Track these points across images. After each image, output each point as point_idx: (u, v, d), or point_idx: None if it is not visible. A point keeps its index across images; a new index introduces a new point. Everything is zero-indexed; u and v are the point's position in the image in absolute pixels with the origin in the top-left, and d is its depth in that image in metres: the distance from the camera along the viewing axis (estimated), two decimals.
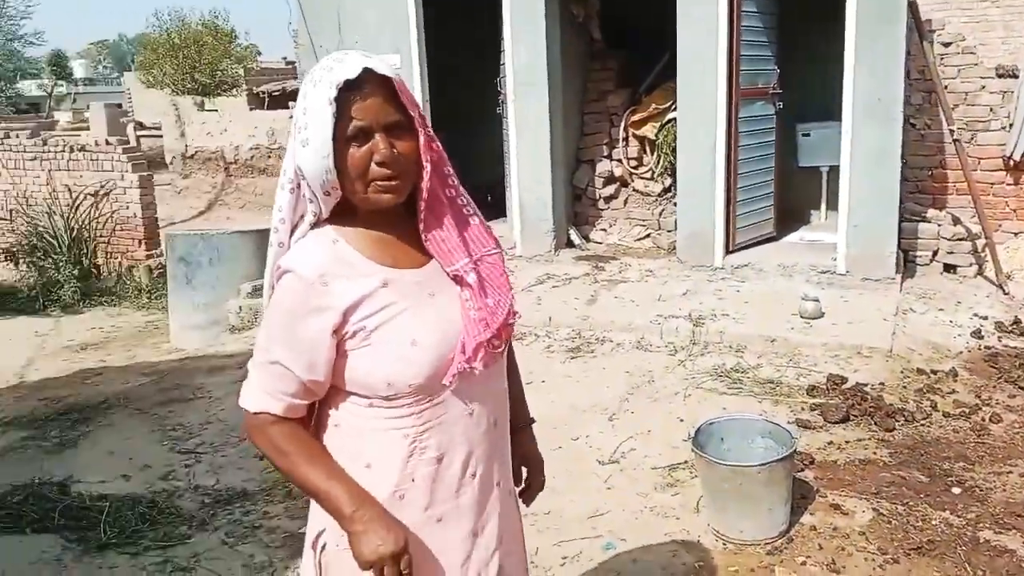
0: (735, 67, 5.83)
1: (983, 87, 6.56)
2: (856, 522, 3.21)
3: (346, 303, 1.40)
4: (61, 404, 5.13)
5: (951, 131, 5.97)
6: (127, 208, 10.73)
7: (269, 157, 18.24)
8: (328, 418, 1.51)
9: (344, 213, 1.46)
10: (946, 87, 6.35)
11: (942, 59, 6.33)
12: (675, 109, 6.46)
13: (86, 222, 10.39)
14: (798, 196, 7.34)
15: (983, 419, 4.03)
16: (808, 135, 7.11)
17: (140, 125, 23.50)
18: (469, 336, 1.46)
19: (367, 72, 1.35)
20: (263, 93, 26.09)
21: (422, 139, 1.41)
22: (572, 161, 6.98)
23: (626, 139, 6.97)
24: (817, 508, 3.30)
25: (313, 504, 1.55)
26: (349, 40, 6.89)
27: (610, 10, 7.21)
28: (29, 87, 37.16)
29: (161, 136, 19.88)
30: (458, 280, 1.48)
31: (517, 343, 5.48)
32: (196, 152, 19.08)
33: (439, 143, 1.45)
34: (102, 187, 10.65)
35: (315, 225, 1.46)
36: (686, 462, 3.75)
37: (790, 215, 7.17)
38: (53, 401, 5.26)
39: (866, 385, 4.40)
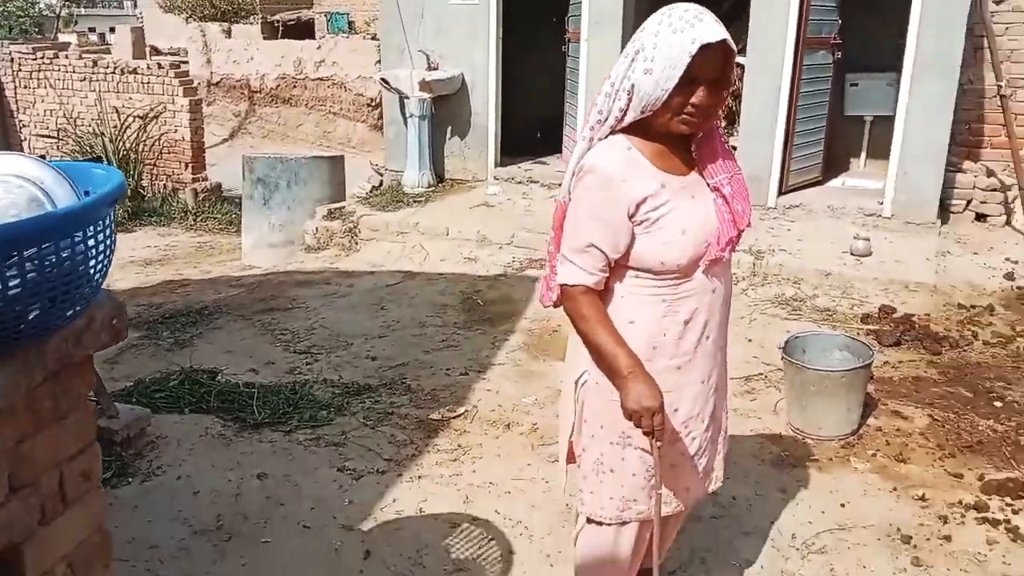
0: (804, 16, 6.15)
1: None
2: (915, 425, 3.71)
3: (638, 197, 1.84)
4: (163, 310, 5.52)
5: (999, 87, 6.34)
6: (175, 132, 11.04)
7: (294, 87, 18.40)
8: (607, 286, 1.95)
9: (635, 128, 1.87)
10: (988, 44, 6.67)
11: (993, 16, 6.64)
12: (741, 53, 6.78)
13: (134, 144, 10.70)
14: (840, 143, 7.71)
15: (1018, 348, 4.52)
16: (856, 85, 7.45)
17: (155, 50, 23.38)
18: (723, 231, 1.91)
19: (722, 41, 1.73)
20: (278, 22, 26.01)
21: (725, 95, 1.83)
22: None
23: None
24: (881, 414, 3.80)
25: (575, 353, 2.04)
26: None
27: None
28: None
29: (167, 61, 19.94)
30: (715, 189, 1.92)
31: None
32: (221, 79, 19.19)
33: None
34: (151, 110, 10.93)
35: (611, 132, 1.88)
36: (760, 374, 4.25)
37: (832, 161, 7.55)
38: (152, 307, 5.66)
39: (913, 315, 4.88)
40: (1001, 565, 2.73)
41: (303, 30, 25.07)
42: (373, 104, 17.19)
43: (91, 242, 1.43)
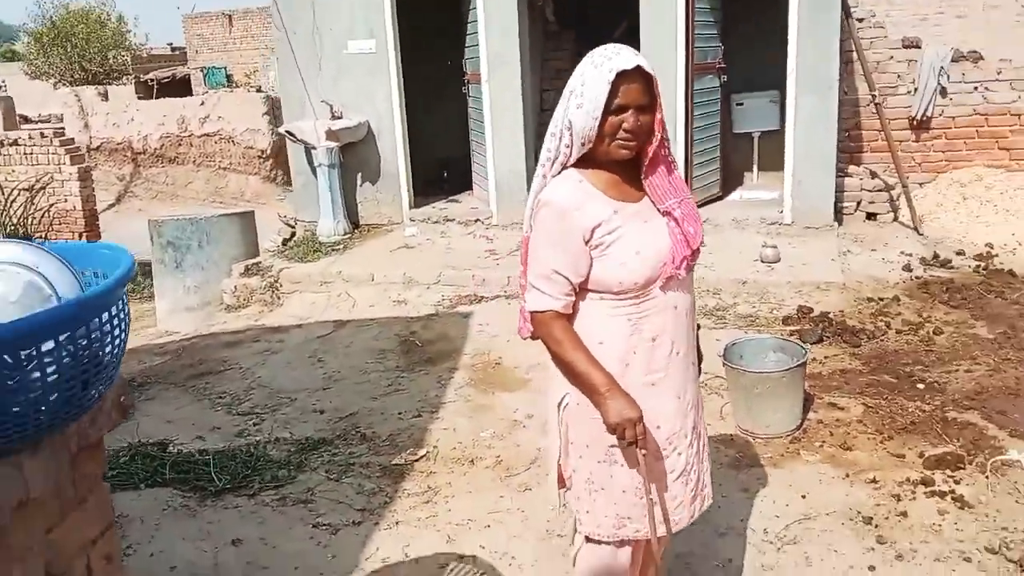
0: (690, 45, 6.53)
1: (891, 57, 7.51)
2: (851, 414, 3.97)
3: (592, 223, 1.97)
4: None
5: (872, 95, 6.87)
6: (65, 201, 10.63)
7: (180, 145, 17.97)
8: (574, 310, 2.06)
9: (584, 161, 2.01)
10: (858, 57, 7.23)
11: (857, 32, 7.21)
12: None
13: (22, 218, 10.22)
14: (733, 159, 8.16)
15: (928, 333, 4.89)
16: (742, 104, 7.92)
17: (24, 119, 22.40)
18: (676, 251, 2.04)
19: (637, 67, 1.90)
20: (152, 81, 25.39)
21: (657, 117, 1.97)
22: (534, 135, 7.55)
23: None
24: (819, 407, 4.05)
25: (554, 378, 2.13)
26: (324, 27, 7.22)
27: None
28: None
29: (41, 129, 19.11)
30: (666, 213, 2.05)
31: (515, 300, 6.06)
32: (102, 144, 18.55)
33: (664, 120, 2.02)
34: (37, 181, 10.48)
35: (563, 168, 2.01)
36: (700, 383, 4.43)
37: (728, 177, 7.96)
38: None
39: (829, 313, 5.21)
40: (955, 531, 2.97)
41: (179, 87, 24.57)
42: (264, 156, 16.98)
43: (114, 322, 1.44)
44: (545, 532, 3.17)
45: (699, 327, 2.36)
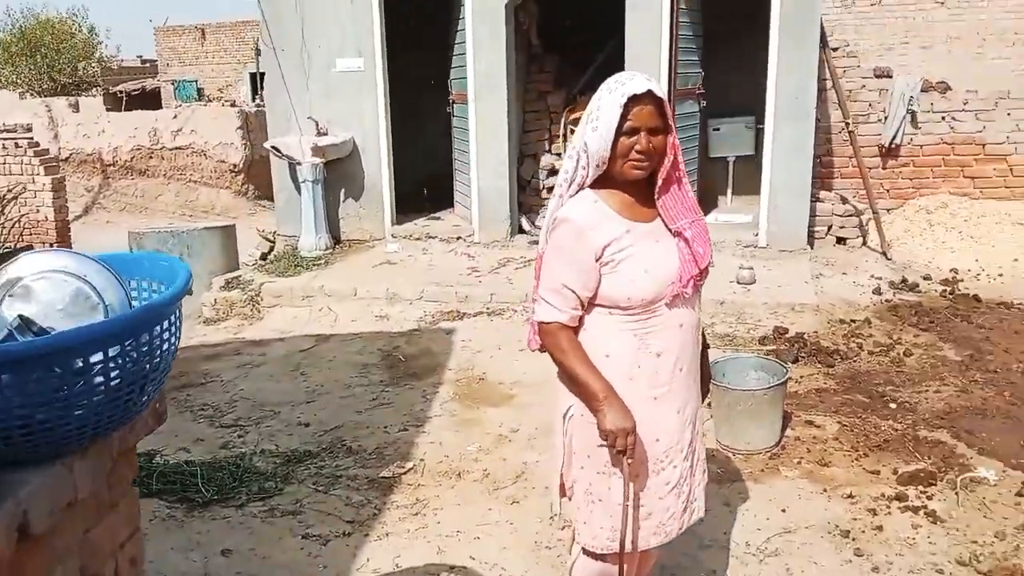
0: (674, 70, 6.70)
1: (863, 86, 7.76)
2: (827, 432, 4.09)
3: (604, 241, 2.06)
4: None
5: (846, 123, 7.10)
6: (37, 212, 10.54)
7: (151, 158, 17.87)
8: (583, 323, 2.15)
9: (601, 181, 2.11)
10: (831, 86, 7.48)
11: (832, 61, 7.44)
12: None
13: None
14: (709, 182, 8.34)
15: (899, 354, 5.05)
16: (718, 129, 8.12)
17: None
18: (684, 270, 2.14)
19: (648, 91, 2.00)
20: (121, 93, 25.21)
21: (670, 140, 2.07)
22: (517, 156, 7.68)
23: (565, 135, 7.73)
24: (796, 425, 4.17)
25: (559, 390, 2.22)
26: (313, 44, 7.29)
27: (545, 17, 7.96)
28: None
29: (16, 138, 18.84)
30: (677, 234, 2.15)
31: (497, 317, 6.15)
32: (71, 155, 18.36)
33: (678, 142, 2.13)
34: (9, 191, 10.39)
35: (580, 188, 2.11)
36: None
37: (703, 200, 8.14)
38: None
39: (804, 334, 5.36)
40: (928, 545, 3.09)
41: (149, 100, 24.41)
42: (236, 170, 16.96)
43: (172, 330, 1.49)
44: (534, 544, 3.24)
45: (708, 346, 2.45)
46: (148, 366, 1.36)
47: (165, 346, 1.42)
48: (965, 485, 3.48)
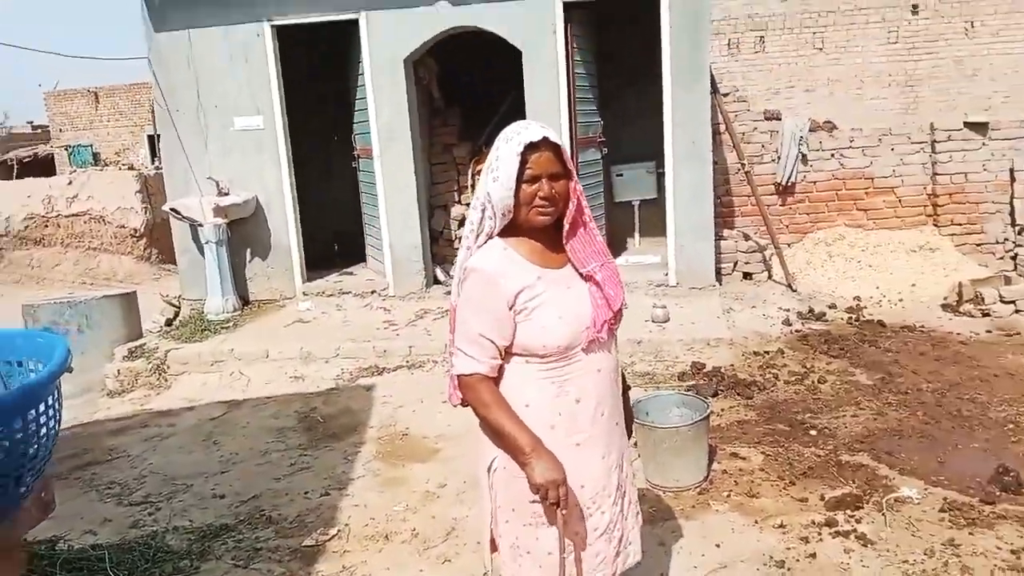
0: (573, 120, 6.84)
1: (755, 128, 8.09)
2: (753, 463, 4.13)
3: (516, 289, 2.03)
4: None
5: (742, 164, 7.36)
6: None
7: (46, 226, 17.12)
8: (501, 372, 2.10)
9: (510, 230, 2.09)
10: (725, 129, 7.77)
11: (724, 106, 7.74)
12: None
13: None
14: (615, 226, 8.49)
15: (813, 382, 5.18)
16: (621, 175, 8.31)
17: None
18: (598, 315, 2.12)
19: (544, 138, 2.00)
20: (12, 160, 24.19)
21: (572, 185, 2.07)
22: (427, 207, 7.65)
23: (473, 185, 7.76)
24: (722, 458, 4.19)
25: (482, 443, 2.16)
26: (209, 104, 7.13)
27: (445, 72, 8.03)
28: None
29: None
30: (588, 278, 2.14)
31: (418, 370, 6.04)
32: None
33: (581, 187, 2.12)
34: None
35: (488, 238, 2.08)
36: None
37: (612, 243, 8.27)
38: None
39: (721, 367, 5.44)
40: (862, 568, 3.12)
41: (42, 167, 23.46)
42: (138, 235, 16.41)
43: (49, 412, 1.37)
44: None
45: (629, 388, 2.43)
46: (24, 454, 1.23)
47: (43, 431, 1.29)
48: (891, 506, 3.55)
